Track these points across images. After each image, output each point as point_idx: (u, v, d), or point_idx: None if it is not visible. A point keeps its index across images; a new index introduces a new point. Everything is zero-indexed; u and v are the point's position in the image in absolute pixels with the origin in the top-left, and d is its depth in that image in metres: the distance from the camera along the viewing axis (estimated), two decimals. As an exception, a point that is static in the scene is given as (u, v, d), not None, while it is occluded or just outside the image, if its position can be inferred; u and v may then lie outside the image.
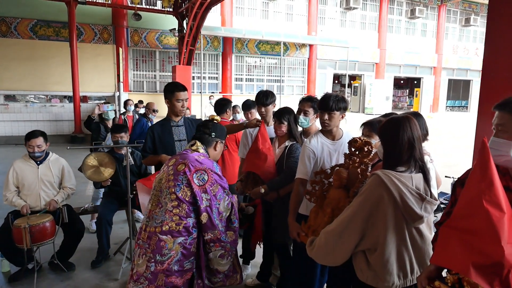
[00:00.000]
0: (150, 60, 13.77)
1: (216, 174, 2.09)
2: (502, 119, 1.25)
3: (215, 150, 2.27)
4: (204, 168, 2.05)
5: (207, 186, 2.03)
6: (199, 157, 2.10)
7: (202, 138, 2.23)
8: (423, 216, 1.61)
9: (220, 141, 2.29)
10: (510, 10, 2.93)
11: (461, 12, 20.22)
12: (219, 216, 2.09)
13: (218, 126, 2.29)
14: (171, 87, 2.86)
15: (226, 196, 2.13)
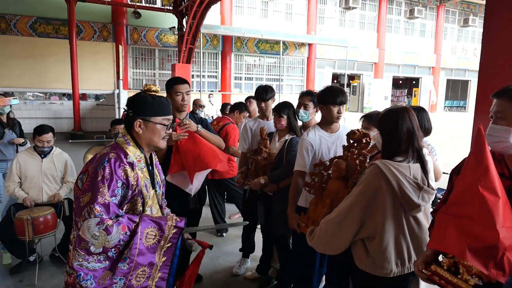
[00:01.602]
0: (150, 58, 13.78)
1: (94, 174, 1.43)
2: (501, 106, 1.29)
3: (137, 133, 1.59)
4: (90, 167, 1.48)
5: (80, 191, 1.46)
6: (102, 151, 1.56)
7: (125, 121, 1.66)
8: (420, 204, 1.65)
9: (141, 118, 1.58)
10: (506, 11, 2.98)
11: (460, 13, 20.31)
12: (79, 245, 1.36)
13: (138, 98, 1.61)
14: (170, 81, 2.67)
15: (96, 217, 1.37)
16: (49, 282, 3.11)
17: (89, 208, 1.38)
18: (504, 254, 1.12)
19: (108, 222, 1.38)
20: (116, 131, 3.63)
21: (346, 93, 2.43)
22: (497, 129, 1.28)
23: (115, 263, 1.41)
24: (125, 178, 1.50)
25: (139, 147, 1.61)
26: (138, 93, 1.66)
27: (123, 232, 1.42)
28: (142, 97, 1.62)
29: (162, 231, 1.51)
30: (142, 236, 1.45)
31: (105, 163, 1.45)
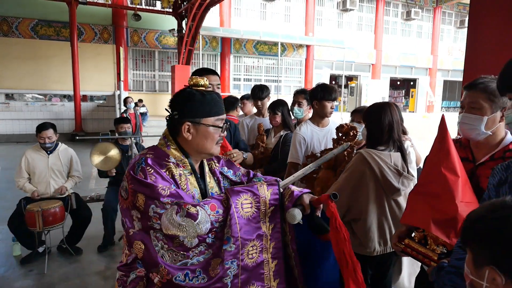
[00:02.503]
0: (150, 60, 13.97)
1: (134, 176, 1.21)
2: (474, 98, 1.43)
3: (186, 139, 1.30)
4: (127, 171, 1.26)
5: (130, 199, 1.22)
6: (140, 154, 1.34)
7: (168, 124, 1.36)
8: (400, 189, 1.83)
9: (190, 121, 1.29)
10: (489, 14, 3.16)
11: (456, 14, 20.54)
12: (173, 244, 1.17)
13: (183, 96, 1.31)
14: (198, 71, 2.21)
15: (172, 205, 1.17)
16: (58, 271, 3.28)
17: (156, 204, 1.16)
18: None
19: (187, 205, 1.16)
20: (122, 130, 3.80)
21: (337, 91, 2.62)
22: (471, 118, 1.43)
23: (219, 248, 1.20)
24: (171, 176, 1.26)
25: (184, 152, 1.32)
26: (182, 90, 1.33)
27: (213, 211, 1.20)
28: (189, 94, 1.30)
29: (257, 195, 1.27)
30: (237, 208, 1.22)
31: (142, 164, 1.23)
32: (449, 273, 1.07)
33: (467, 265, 0.77)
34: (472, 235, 0.75)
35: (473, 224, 0.75)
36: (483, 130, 1.42)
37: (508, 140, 1.45)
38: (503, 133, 1.46)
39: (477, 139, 1.46)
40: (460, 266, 1.03)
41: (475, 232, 0.74)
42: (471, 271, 0.76)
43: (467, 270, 0.77)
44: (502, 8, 3.07)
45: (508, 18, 3.02)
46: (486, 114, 1.41)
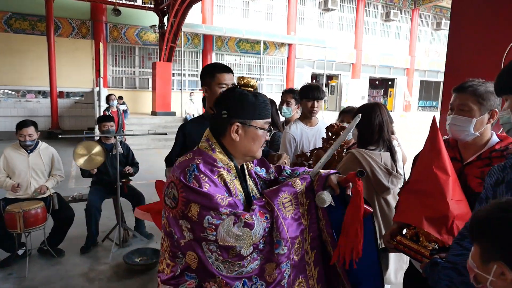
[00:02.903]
0: (130, 56, 13.69)
1: (186, 185, 1.15)
2: (463, 100, 1.48)
3: (232, 139, 1.26)
4: (174, 177, 1.19)
5: (181, 208, 1.16)
6: (183, 157, 1.27)
7: (212, 124, 1.32)
8: (389, 188, 1.88)
9: (241, 122, 1.24)
10: (470, 16, 3.28)
11: (433, 16, 21.14)
12: (229, 256, 1.14)
13: (236, 96, 1.26)
14: (210, 68, 2.05)
15: (230, 216, 1.15)
16: (39, 274, 3.19)
17: (212, 214, 1.13)
18: (453, 222, 1.34)
19: (245, 216, 1.15)
20: (105, 128, 3.72)
21: (322, 91, 2.65)
22: (460, 119, 1.48)
23: (270, 252, 1.19)
24: (224, 184, 1.22)
25: (229, 155, 1.27)
26: (232, 89, 1.29)
27: (262, 218, 1.18)
28: (242, 94, 1.25)
29: (294, 191, 1.26)
30: (280, 209, 1.21)
31: (195, 171, 1.16)
32: (445, 268, 1.11)
33: (473, 260, 0.80)
34: (482, 232, 0.79)
35: (483, 221, 0.78)
36: (471, 131, 1.48)
37: (493, 141, 1.51)
38: (489, 134, 1.52)
39: (465, 140, 1.52)
40: (457, 261, 1.08)
41: (486, 229, 0.77)
42: (477, 265, 0.79)
43: (472, 264, 0.81)
44: (482, 12, 3.19)
45: (488, 22, 3.14)
46: (475, 116, 1.46)
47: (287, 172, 1.49)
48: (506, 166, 0.99)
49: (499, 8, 3.07)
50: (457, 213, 1.35)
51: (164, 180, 1.91)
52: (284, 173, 1.49)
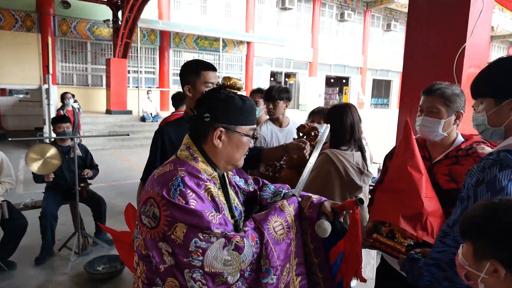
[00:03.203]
0: (81, 52, 12.93)
1: (171, 201, 1.02)
2: (432, 102, 1.55)
3: (214, 146, 1.15)
4: (154, 193, 1.06)
5: (163, 229, 1.03)
6: (161, 169, 1.13)
7: (192, 127, 1.21)
8: (362, 186, 1.94)
9: (224, 128, 1.13)
10: (424, 22, 3.47)
11: (384, 18, 22.21)
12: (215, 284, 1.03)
13: (221, 98, 1.15)
14: (194, 65, 1.88)
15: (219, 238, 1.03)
16: (-12, 290, 2.92)
17: (200, 237, 1.00)
18: (427, 219, 1.41)
19: (236, 238, 1.04)
20: (61, 130, 3.47)
21: (281, 91, 2.67)
22: (430, 121, 1.55)
23: (256, 281, 1.09)
24: (211, 199, 1.11)
25: (211, 164, 1.16)
26: (217, 90, 1.17)
27: (253, 243, 1.07)
28: (228, 97, 1.14)
29: (283, 214, 1.18)
30: (271, 234, 1.11)
31: (180, 186, 1.04)
32: (428, 265, 1.16)
33: (465, 258, 0.84)
34: (475, 232, 0.82)
35: (477, 221, 0.82)
36: (440, 132, 1.56)
37: (459, 141, 1.60)
38: (455, 134, 1.61)
39: (434, 140, 1.60)
40: (439, 258, 1.12)
41: (479, 229, 0.81)
42: (470, 263, 0.83)
43: (463, 262, 0.84)
44: (434, 18, 3.39)
45: (440, 27, 3.34)
46: (443, 118, 1.54)
47: (270, 188, 1.41)
48: (485, 167, 1.05)
49: (450, 14, 3.28)
50: (430, 210, 1.42)
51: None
52: (267, 189, 1.41)
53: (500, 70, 1.12)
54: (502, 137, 1.15)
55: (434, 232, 1.41)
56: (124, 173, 7.12)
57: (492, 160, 1.05)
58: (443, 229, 1.14)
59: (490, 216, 0.80)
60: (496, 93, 1.12)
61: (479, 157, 1.50)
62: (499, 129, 1.13)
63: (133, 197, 5.49)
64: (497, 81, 1.12)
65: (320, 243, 1.23)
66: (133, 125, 11.18)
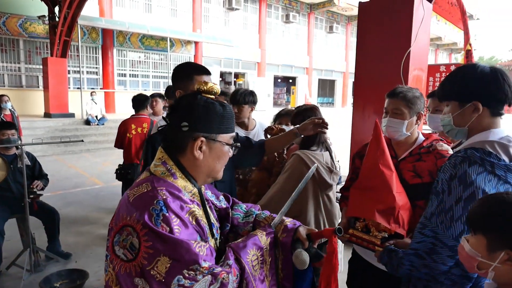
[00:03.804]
0: (12, 50, 11.84)
1: (154, 230, 0.90)
2: (396, 105, 1.70)
3: (195, 158, 1.05)
4: (132, 220, 0.93)
5: (141, 263, 0.90)
6: (137, 190, 1.00)
7: (167, 138, 1.09)
8: (332, 184, 2.04)
9: (205, 137, 1.05)
10: (373, 27, 3.72)
11: (326, 20, 23.19)
12: None
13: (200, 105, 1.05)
14: (186, 68, 1.77)
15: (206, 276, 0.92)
16: None
17: (185, 274, 0.89)
18: (399, 212, 1.54)
19: (223, 275, 0.95)
20: (5, 137, 3.17)
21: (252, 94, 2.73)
22: (394, 122, 1.69)
23: None
24: (196, 223, 1.01)
25: (190, 178, 1.07)
26: (192, 96, 1.07)
27: (235, 277, 0.99)
28: (207, 103, 1.05)
29: (261, 248, 1.11)
30: (250, 269, 1.04)
31: (163, 210, 0.93)
32: (408, 254, 1.27)
33: (477, 249, 0.93)
34: (488, 224, 0.91)
35: (489, 214, 0.91)
36: (404, 132, 1.70)
37: (421, 139, 1.76)
38: (417, 133, 1.77)
39: (399, 139, 1.74)
40: (419, 248, 1.23)
41: (494, 223, 0.90)
42: (483, 254, 0.91)
43: (475, 254, 0.93)
44: (382, 23, 3.65)
45: (387, 32, 3.60)
46: (406, 119, 1.69)
47: (242, 207, 1.35)
48: (456, 163, 1.18)
49: (396, 19, 3.55)
50: (401, 204, 1.55)
51: None
52: (239, 208, 1.34)
53: (463, 76, 1.26)
54: (465, 136, 1.29)
55: (405, 224, 1.55)
56: (71, 180, 6.67)
57: (461, 157, 1.18)
58: (421, 221, 1.25)
59: (503, 209, 0.89)
60: (460, 97, 1.26)
61: (439, 153, 1.67)
62: (463, 129, 1.28)
63: (84, 206, 5.21)
64: (460, 86, 1.26)
65: (290, 271, 1.17)
66: (77, 129, 10.50)
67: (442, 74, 5.93)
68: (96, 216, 4.85)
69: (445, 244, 1.16)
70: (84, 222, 4.61)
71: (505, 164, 1.14)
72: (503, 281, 0.92)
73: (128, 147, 4.04)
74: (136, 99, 4.09)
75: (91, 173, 7.34)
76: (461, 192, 1.13)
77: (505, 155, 1.16)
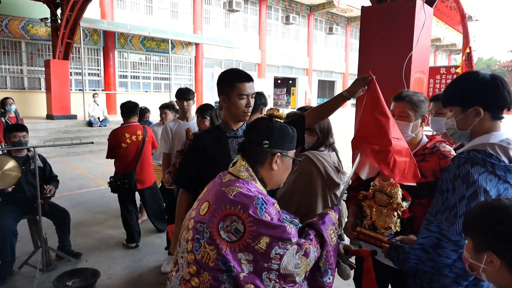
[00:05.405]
0: (15, 52, 11.90)
1: (259, 219, 1.15)
2: (402, 108, 1.79)
3: (271, 169, 1.31)
4: (236, 211, 1.16)
5: (246, 242, 1.14)
6: (233, 188, 1.22)
7: (248, 151, 1.32)
8: (340, 183, 2.13)
9: (280, 153, 1.31)
10: (375, 29, 3.81)
11: (326, 22, 23.30)
12: (285, 282, 1.19)
13: (277, 128, 1.32)
14: (230, 75, 1.84)
15: (294, 245, 1.20)
16: None
17: (279, 245, 1.16)
18: (392, 156, 1.63)
19: (306, 245, 1.24)
20: (17, 139, 3.23)
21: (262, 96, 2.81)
22: (400, 124, 1.77)
23: (311, 279, 1.32)
24: (278, 212, 1.28)
25: (263, 184, 1.33)
26: (268, 120, 1.34)
27: (315, 248, 1.29)
28: (282, 126, 1.33)
29: (334, 223, 1.44)
30: (329, 240, 1.35)
31: (263, 204, 1.19)
32: (414, 249, 1.35)
33: (467, 251, 1.00)
34: (474, 228, 0.98)
35: (475, 219, 0.98)
36: (409, 133, 1.79)
37: (424, 141, 1.85)
38: (421, 135, 1.86)
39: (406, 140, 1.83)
40: (424, 243, 1.32)
41: (477, 226, 0.96)
42: (471, 255, 0.98)
43: (466, 255, 1.00)
44: (384, 25, 3.73)
45: (389, 34, 3.69)
46: (412, 121, 1.77)
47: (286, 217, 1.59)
48: (459, 164, 1.26)
49: (398, 23, 3.64)
50: (397, 149, 1.65)
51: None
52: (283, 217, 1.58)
53: (466, 83, 1.35)
54: (468, 138, 1.38)
55: (395, 168, 1.62)
56: (76, 181, 6.75)
57: (464, 158, 1.27)
58: (427, 218, 1.34)
59: (485, 214, 0.96)
60: (462, 103, 1.35)
61: (442, 154, 1.75)
62: (466, 132, 1.36)
63: (91, 207, 5.28)
64: (463, 92, 1.35)
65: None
66: (80, 131, 10.58)
67: (443, 76, 6.02)
68: (103, 217, 4.93)
69: (449, 239, 1.25)
70: (91, 223, 4.69)
71: (505, 165, 1.23)
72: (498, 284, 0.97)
73: (123, 157, 3.89)
74: (125, 106, 3.94)
75: (95, 174, 7.42)
76: (464, 191, 1.22)
77: (505, 157, 1.25)
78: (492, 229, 0.93)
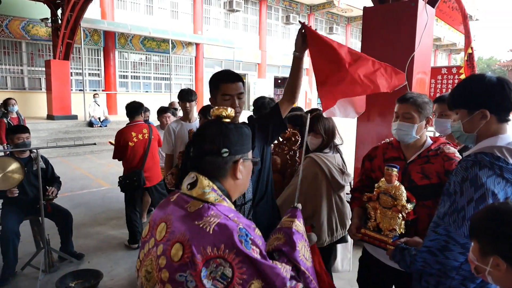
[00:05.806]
0: (15, 52, 11.90)
1: (247, 256, 0.94)
2: (406, 109, 1.78)
3: (236, 179, 1.12)
4: (220, 252, 0.94)
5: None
6: (209, 220, 0.98)
7: (205, 166, 1.09)
8: (344, 185, 2.13)
9: (242, 157, 1.12)
10: (377, 31, 3.81)
11: (326, 21, 23.30)
12: None
13: (233, 130, 1.11)
14: (214, 77, 1.83)
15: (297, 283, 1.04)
16: None
17: None
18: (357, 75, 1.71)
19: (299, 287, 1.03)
20: (20, 141, 3.22)
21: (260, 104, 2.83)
22: (405, 125, 1.77)
23: None
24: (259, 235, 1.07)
25: (230, 199, 1.11)
26: (218, 123, 1.12)
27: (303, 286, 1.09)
28: (237, 127, 1.12)
29: (302, 234, 1.21)
30: (305, 264, 1.12)
31: (248, 234, 0.97)
32: (421, 252, 1.35)
33: (474, 254, 1.00)
34: (481, 232, 0.98)
35: (481, 222, 0.98)
36: (414, 135, 1.79)
37: (429, 143, 1.85)
38: (425, 137, 1.86)
39: (408, 142, 1.83)
40: (431, 245, 1.32)
41: (483, 230, 0.97)
42: (477, 258, 0.98)
43: (472, 257, 1.01)
44: (386, 27, 3.73)
45: (391, 35, 3.69)
46: (416, 122, 1.77)
47: None
48: (467, 167, 1.26)
49: (400, 24, 3.64)
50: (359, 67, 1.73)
51: None
52: None
53: (472, 86, 1.35)
54: (474, 141, 1.38)
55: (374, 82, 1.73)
56: (78, 182, 6.75)
57: (472, 161, 1.27)
58: (434, 220, 1.34)
59: (491, 218, 0.96)
60: (469, 105, 1.35)
61: (446, 156, 1.75)
62: (472, 134, 1.36)
63: (92, 208, 5.27)
64: (469, 95, 1.35)
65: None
66: (80, 131, 10.58)
67: (444, 76, 6.01)
68: (105, 217, 4.93)
69: (457, 241, 1.25)
70: (93, 224, 4.69)
71: None
72: (504, 286, 0.97)
73: (131, 156, 3.93)
74: (130, 106, 3.99)
75: (96, 174, 7.42)
76: (472, 193, 1.22)
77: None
78: (499, 232, 0.93)
